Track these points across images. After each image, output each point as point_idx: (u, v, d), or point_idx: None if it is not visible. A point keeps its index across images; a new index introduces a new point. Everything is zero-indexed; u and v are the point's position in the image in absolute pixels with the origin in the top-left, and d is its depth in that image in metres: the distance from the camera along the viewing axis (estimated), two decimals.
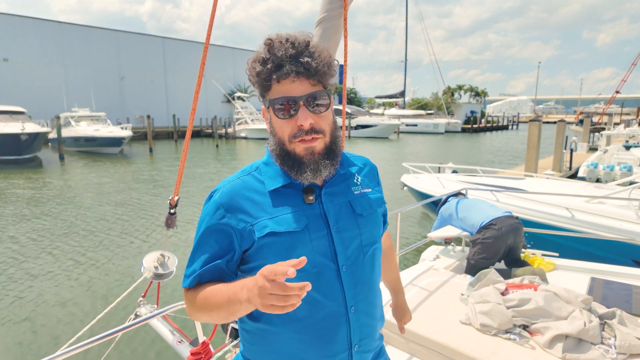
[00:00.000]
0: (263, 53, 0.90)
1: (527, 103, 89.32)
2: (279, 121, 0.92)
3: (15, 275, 6.16)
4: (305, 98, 0.89)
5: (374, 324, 1.04)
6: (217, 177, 15.83)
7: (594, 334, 1.95)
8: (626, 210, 4.80)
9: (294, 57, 0.87)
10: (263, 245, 0.92)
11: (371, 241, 1.02)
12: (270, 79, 0.90)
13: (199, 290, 0.95)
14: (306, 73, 0.88)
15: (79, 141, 24.81)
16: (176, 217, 2.08)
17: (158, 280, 2.20)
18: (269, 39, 0.91)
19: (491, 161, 20.58)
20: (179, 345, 2.03)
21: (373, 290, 1.04)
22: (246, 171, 1.02)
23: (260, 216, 0.93)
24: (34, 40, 36.71)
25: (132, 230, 8.53)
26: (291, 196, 0.96)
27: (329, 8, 1.60)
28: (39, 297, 5.44)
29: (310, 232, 0.93)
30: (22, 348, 4.29)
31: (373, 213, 1.05)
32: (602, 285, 2.73)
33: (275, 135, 0.95)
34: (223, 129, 38.54)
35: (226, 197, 0.95)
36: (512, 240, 2.92)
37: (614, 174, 10.67)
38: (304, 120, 0.88)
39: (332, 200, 0.98)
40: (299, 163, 0.92)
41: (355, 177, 1.06)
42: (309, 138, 0.91)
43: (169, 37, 47.31)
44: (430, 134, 44.98)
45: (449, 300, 2.47)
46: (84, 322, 4.75)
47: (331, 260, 0.95)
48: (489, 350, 1.97)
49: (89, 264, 6.62)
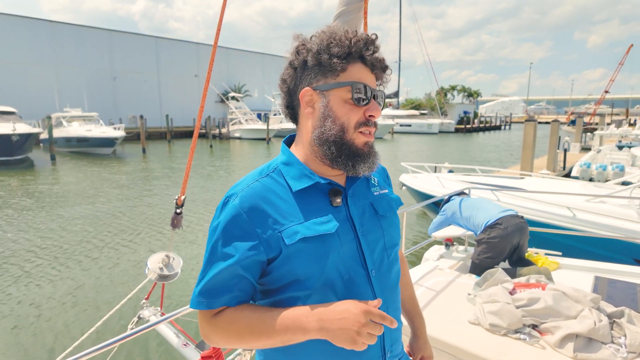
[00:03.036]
0: (348, 34, 0.87)
1: (519, 103, 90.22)
2: (347, 107, 0.87)
3: (12, 278, 6.06)
4: (377, 92, 0.90)
5: (400, 328, 1.03)
6: (210, 178, 15.74)
7: (604, 333, 1.95)
8: (627, 209, 4.83)
9: (373, 50, 0.88)
10: (293, 253, 0.84)
11: (393, 243, 0.99)
12: (355, 59, 0.87)
13: (228, 313, 0.86)
14: (381, 69, 0.89)
15: (71, 142, 24.54)
16: (182, 217, 2.04)
17: (163, 281, 2.16)
18: (333, 32, 0.88)
19: (487, 160, 20.72)
20: (185, 348, 1.99)
21: (398, 293, 1.01)
22: (263, 172, 0.92)
23: (288, 221, 0.85)
24: (25, 40, 36.28)
25: (128, 231, 8.44)
26: (317, 198, 0.90)
27: (349, 2, 1.57)
28: (38, 301, 5.34)
29: (340, 236, 0.88)
30: (23, 353, 4.20)
31: (394, 214, 1.02)
32: (606, 284, 2.73)
33: (337, 120, 0.87)
34: (217, 129, 38.36)
35: (247, 201, 0.85)
36: (518, 240, 2.91)
37: (607, 173, 10.78)
38: (377, 111, 0.88)
39: (356, 202, 0.95)
40: (356, 154, 0.88)
41: (372, 178, 1.03)
42: (373, 131, 0.90)
43: (162, 37, 47.01)
44: (424, 134, 45.23)
45: (456, 301, 2.46)
46: (86, 324, 4.69)
47: (360, 265, 0.91)
48: (498, 350, 1.96)
49: (89, 266, 6.53)
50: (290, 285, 0.87)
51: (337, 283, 0.86)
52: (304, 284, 0.86)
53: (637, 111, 66.01)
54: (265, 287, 0.91)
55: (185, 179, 1.96)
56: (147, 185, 14.08)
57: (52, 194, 12.46)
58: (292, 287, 0.87)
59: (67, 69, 38.79)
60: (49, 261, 6.74)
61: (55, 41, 38.05)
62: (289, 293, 0.87)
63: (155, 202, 11.08)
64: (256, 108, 47.46)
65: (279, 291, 0.89)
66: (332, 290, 0.87)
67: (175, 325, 2.12)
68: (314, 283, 0.86)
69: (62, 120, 25.63)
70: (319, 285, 0.86)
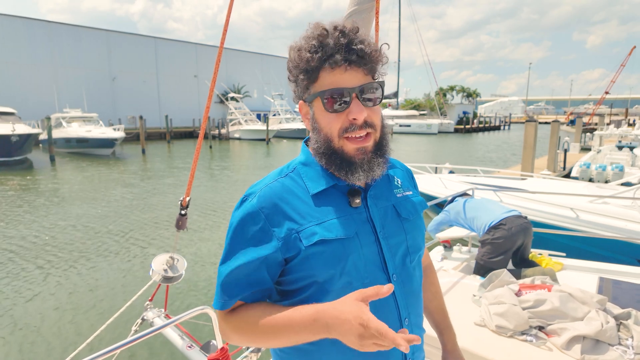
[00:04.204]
0: (308, 41, 0.82)
1: (518, 104, 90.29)
2: (327, 115, 0.83)
3: (13, 281, 6.03)
4: (358, 89, 0.81)
5: (422, 335, 1.00)
6: (212, 179, 15.72)
7: (612, 335, 1.94)
8: (630, 210, 4.83)
9: (346, 45, 0.80)
10: (311, 255, 0.83)
11: (417, 247, 0.96)
12: (318, 69, 0.82)
13: (242, 311, 0.86)
14: (359, 62, 0.81)
15: (71, 142, 24.50)
16: (187, 219, 2.03)
17: (167, 283, 2.15)
18: (314, 28, 0.83)
19: (490, 159, 20.73)
20: (190, 350, 1.97)
21: (420, 300, 0.98)
22: (283, 172, 0.92)
23: (306, 222, 0.84)
24: (24, 40, 36.22)
25: (130, 233, 8.42)
26: (336, 199, 0.88)
27: (360, 1, 1.56)
28: (39, 304, 5.31)
29: (360, 238, 0.86)
30: (26, 358, 4.17)
31: (418, 217, 0.99)
32: (611, 285, 2.72)
33: (321, 131, 0.86)
34: (216, 130, 38.33)
35: (265, 201, 0.85)
36: (522, 241, 2.91)
37: (606, 173, 10.78)
38: (358, 114, 0.81)
39: (377, 204, 0.92)
40: (349, 162, 0.84)
41: (395, 180, 1.00)
42: (363, 134, 0.83)
43: (161, 37, 46.97)
44: (423, 134, 45.27)
45: (461, 302, 2.45)
46: (89, 326, 4.66)
47: (381, 269, 0.88)
48: (505, 352, 1.95)
49: (91, 268, 6.50)
50: (309, 287, 0.86)
51: (357, 287, 0.84)
52: (323, 286, 0.85)
53: (636, 111, 66.13)
54: (285, 288, 0.90)
55: (190, 180, 1.95)
56: (149, 186, 14.05)
57: (52, 195, 12.44)
58: (310, 289, 0.86)
59: (65, 70, 38.74)
60: (51, 263, 6.71)
61: (53, 42, 37.99)
62: (307, 296, 0.86)
63: (157, 203, 11.05)
64: (255, 108, 47.44)
65: (298, 292, 0.88)
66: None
67: (179, 327, 2.10)
68: (333, 286, 0.84)
69: (62, 121, 25.59)
70: (338, 288, 0.84)
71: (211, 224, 8.95)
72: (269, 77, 55.19)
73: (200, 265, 6.56)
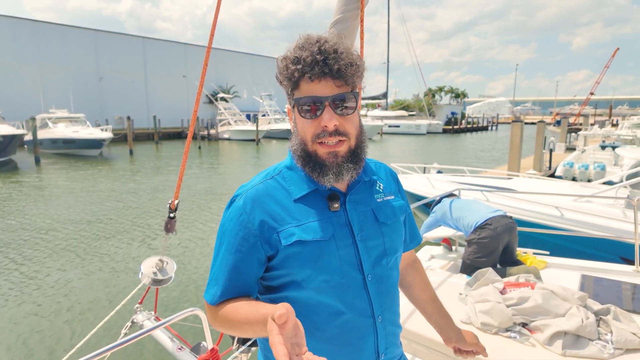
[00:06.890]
0: (292, 52, 0.89)
1: (505, 104, 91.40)
2: (302, 121, 0.90)
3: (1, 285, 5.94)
4: (330, 99, 0.87)
5: (397, 332, 1.05)
6: (199, 180, 15.62)
7: (591, 330, 2.00)
8: (613, 208, 4.95)
9: (322, 60, 0.86)
10: (289, 255, 0.89)
11: (394, 250, 1.01)
12: (297, 79, 0.88)
13: (224, 304, 0.92)
14: (331, 74, 0.86)
15: (57, 143, 24.12)
16: (176, 222, 2.03)
17: (156, 286, 2.15)
18: (299, 39, 0.90)
19: (478, 158, 20.94)
20: (180, 352, 1.98)
21: (395, 298, 1.04)
22: (269, 175, 0.98)
23: (286, 223, 0.90)
24: (7, 39, 35.52)
25: (118, 236, 8.34)
26: (316, 203, 0.94)
27: (345, 9, 1.58)
28: (28, 309, 5.24)
29: (336, 240, 0.92)
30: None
31: (396, 221, 1.04)
32: (592, 282, 2.80)
33: (298, 135, 0.93)
34: (205, 130, 38.08)
35: (250, 202, 0.92)
36: (507, 240, 2.97)
37: (589, 172, 11.01)
38: (329, 121, 0.86)
39: (356, 208, 0.97)
40: (321, 165, 0.90)
41: (378, 185, 1.05)
42: (334, 141, 0.88)
43: (150, 37, 46.49)
44: (412, 134, 45.59)
45: (447, 300, 2.49)
46: (79, 330, 4.62)
47: (357, 269, 0.94)
48: (490, 348, 1.99)
49: (80, 271, 6.43)
50: (288, 285, 0.93)
51: (332, 286, 0.90)
52: (300, 285, 0.91)
53: (620, 112, 67.43)
54: (268, 283, 0.96)
55: (179, 183, 1.95)
56: (136, 187, 13.91)
57: (37, 197, 12.24)
58: (289, 287, 0.92)
59: (51, 69, 38.09)
60: (37, 267, 6.62)
61: (39, 41, 37.33)
62: (286, 293, 0.93)
63: (146, 205, 10.94)
64: (245, 109, 47.22)
65: (278, 289, 0.95)
66: (326, 293, 0.91)
67: (169, 330, 2.11)
68: (310, 284, 0.90)
69: (48, 122, 25.19)
70: (314, 287, 0.90)
71: (200, 227, 8.91)
72: (258, 78, 55.00)
73: (190, 267, 6.53)
